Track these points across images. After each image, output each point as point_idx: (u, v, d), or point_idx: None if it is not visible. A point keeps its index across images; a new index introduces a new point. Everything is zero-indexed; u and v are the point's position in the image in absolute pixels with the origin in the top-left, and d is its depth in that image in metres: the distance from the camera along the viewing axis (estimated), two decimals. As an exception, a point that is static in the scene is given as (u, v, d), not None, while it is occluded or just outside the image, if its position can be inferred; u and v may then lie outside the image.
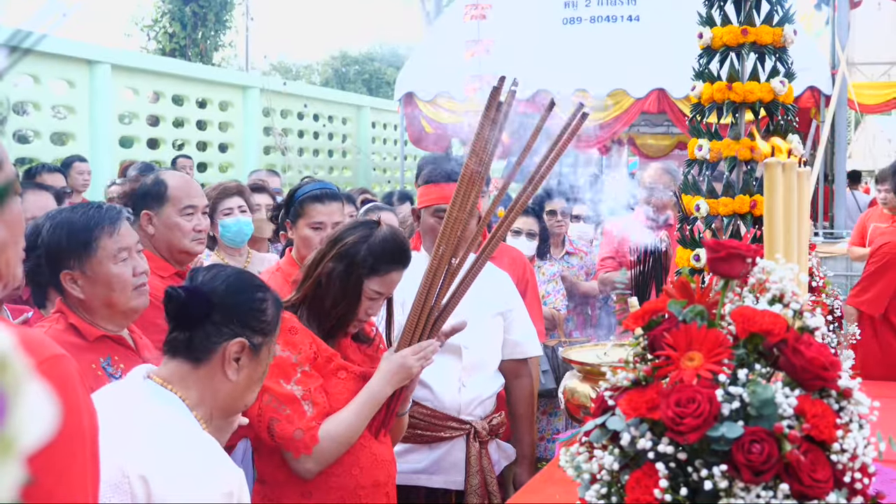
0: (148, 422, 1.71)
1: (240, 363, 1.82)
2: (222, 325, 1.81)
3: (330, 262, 2.44)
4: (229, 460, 1.78)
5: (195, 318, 1.81)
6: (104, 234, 2.27)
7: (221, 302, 1.82)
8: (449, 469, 3.05)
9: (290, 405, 2.32)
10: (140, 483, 1.60)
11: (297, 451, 2.32)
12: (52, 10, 0.62)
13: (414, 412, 2.89)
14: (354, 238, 2.45)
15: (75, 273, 2.25)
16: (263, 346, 1.88)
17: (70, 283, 2.25)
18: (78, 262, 2.25)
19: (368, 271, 2.42)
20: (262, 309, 1.88)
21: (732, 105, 2.92)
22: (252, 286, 1.90)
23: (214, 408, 1.84)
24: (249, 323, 1.84)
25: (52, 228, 2.28)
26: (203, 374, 1.81)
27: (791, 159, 1.76)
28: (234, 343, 1.81)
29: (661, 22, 9.26)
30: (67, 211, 2.36)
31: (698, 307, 1.36)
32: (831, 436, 1.21)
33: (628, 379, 1.35)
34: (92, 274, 2.25)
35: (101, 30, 37.39)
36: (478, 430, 3.06)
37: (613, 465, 1.28)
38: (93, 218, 2.29)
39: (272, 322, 1.90)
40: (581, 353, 2.72)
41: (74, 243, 2.25)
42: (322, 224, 3.11)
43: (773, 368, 1.30)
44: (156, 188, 3.09)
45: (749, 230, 2.88)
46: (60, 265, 2.26)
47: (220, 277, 1.87)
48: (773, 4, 2.94)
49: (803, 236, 1.79)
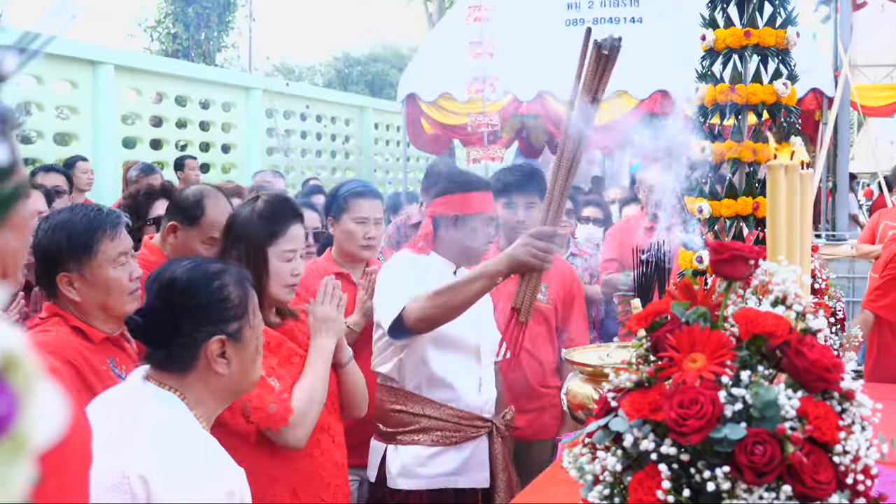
0: (148, 423, 1.70)
1: (226, 356, 1.79)
2: (193, 331, 1.77)
3: (234, 249, 2.54)
4: (230, 460, 1.78)
5: (164, 334, 1.77)
6: (106, 237, 2.26)
7: (183, 308, 1.77)
8: (475, 468, 3.07)
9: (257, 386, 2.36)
10: (140, 483, 1.60)
11: (275, 426, 2.35)
12: (62, 12, 0.62)
13: (441, 414, 2.98)
14: (242, 217, 2.58)
15: (73, 275, 2.23)
16: (243, 327, 1.83)
17: (66, 285, 2.23)
18: (77, 264, 2.23)
19: (269, 236, 2.54)
20: (225, 297, 1.81)
21: (735, 107, 2.92)
22: (206, 277, 1.81)
23: (217, 401, 1.83)
24: (218, 316, 1.79)
25: (49, 230, 2.25)
26: (194, 378, 1.78)
27: (794, 162, 1.76)
28: (211, 343, 1.77)
29: (664, 24, 9.26)
30: (66, 212, 2.34)
31: (701, 309, 1.37)
32: (834, 437, 1.21)
33: (631, 380, 1.35)
34: (91, 277, 2.23)
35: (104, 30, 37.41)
36: (499, 427, 3.09)
37: (616, 466, 1.28)
38: (94, 221, 2.27)
39: (241, 303, 1.84)
40: (584, 354, 2.72)
41: (75, 245, 2.23)
42: (366, 219, 3.34)
43: (776, 370, 1.30)
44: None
45: (752, 232, 2.88)
46: (57, 267, 2.23)
47: (174, 283, 1.79)
48: (775, 7, 2.94)
49: (806, 238, 1.79)
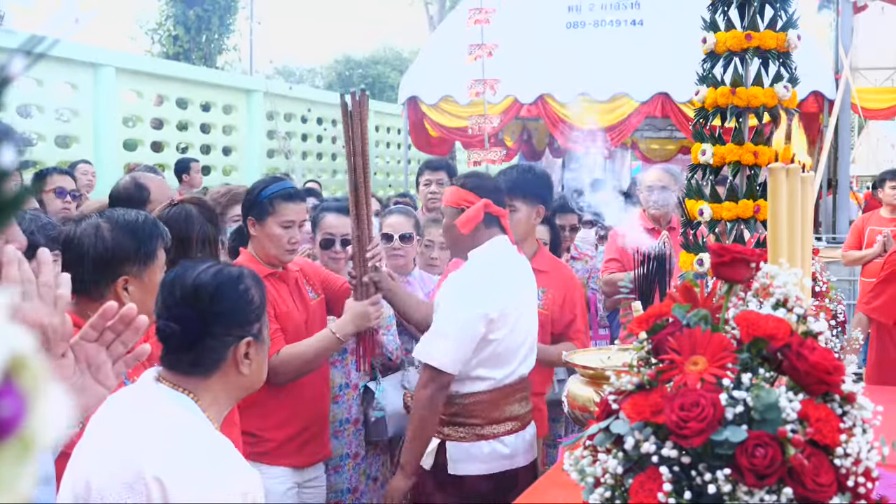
0: (162, 424, 1.71)
1: (249, 356, 1.82)
2: (224, 335, 1.79)
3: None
4: (244, 461, 1.78)
5: (192, 339, 1.78)
6: (164, 243, 2.30)
7: (214, 312, 1.79)
8: (528, 450, 3.24)
9: None
10: (156, 484, 1.61)
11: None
12: (66, 16, 0.63)
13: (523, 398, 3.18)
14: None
15: (132, 278, 2.22)
16: (262, 327, 1.87)
17: (122, 288, 2.21)
18: (141, 267, 2.22)
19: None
20: (251, 299, 1.85)
21: (736, 110, 2.92)
22: (234, 280, 1.84)
23: (231, 400, 1.85)
24: (247, 318, 1.83)
25: (113, 231, 2.24)
26: (216, 380, 1.80)
27: (795, 164, 1.77)
28: (241, 345, 1.81)
29: (665, 26, 9.26)
30: (124, 214, 2.31)
31: (702, 311, 1.37)
32: (835, 440, 1.21)
33: (632, 383, 1.35)
34: (148, 282, 2.23)
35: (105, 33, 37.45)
36: None
37: (617, 468, 1.29)
38: (155, 226, 2.29)
39: (262, 302, 1.89)
40: (585, 356, 2.72)
41: (142, 249, 2.23)
42: (292, 223, 3.24)
43: (777, 373, 1.30)
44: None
45: (753, 235, 2.88)
46: (120, 269, 2.21)
47: (201, 289, 1.80)
48: (776, 9, 2.95)
49: (807, 241, 1.79)
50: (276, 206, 3.22)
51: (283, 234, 3.22)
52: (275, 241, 3.22)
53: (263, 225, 3.23)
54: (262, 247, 3.26)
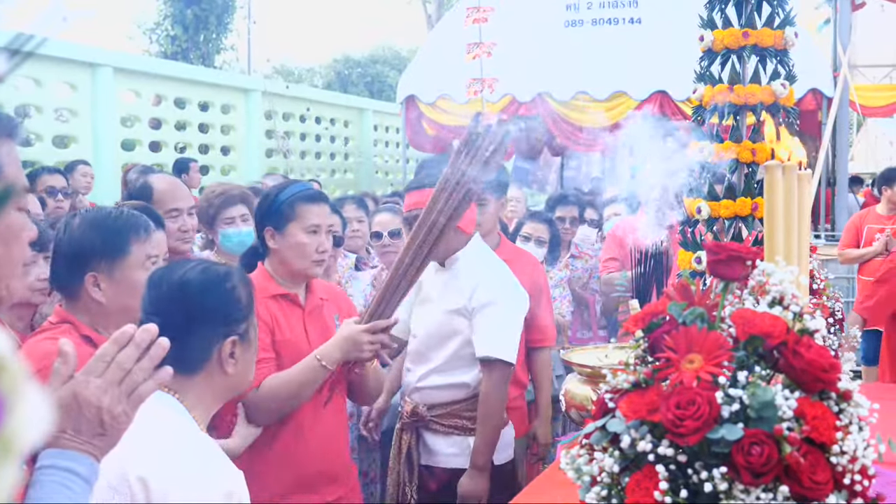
0: (147, 424, 1.70)
1: (234, 356, 1.81)
2: (209, 333, 1.79)
3: None
4: (228, 461, 1.78)
5: (179, 335, 1.74)
6: (139, 238, 2.25)
7: (199, 310, 1.78)
8: (504, 447, 3.33)
9: None
10: (139, 485, 1.60)
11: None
12: (53, 15, 0.62)
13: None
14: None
15: (101, 275, 2.20)
16: (249, 327, 1.86)
17: (93, 285, 2.19)
18: (109, 264, 2.20)
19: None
20: (237, 298, 1.84)
21: (734, 107, 2.92)
22: (220, 277, 1.84)
23: (216, 401, 1.84)
24: (233, 317, 1.82)
25: (81, 227, 2.23)
26: (200, 380, 1.80)
27: (791, 162, 1.76)
28: (226, 344, 1.80)
29: (663, 24, 9.27)
30: (96, 212, 2.31)
31: (698, 310, 1.37)
32: (831, 438, 1.21)
33: (629, 381, 1.35)
34: (120, 278, 2.20)
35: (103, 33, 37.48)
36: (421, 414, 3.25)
37: (614, 467, 1.28)
38: (128, 221, 2.27)
39: (249, 302, 1.88)
40: (582, 355, 2.72)
41: (110, 244, 2.21)
42: (318, 227, 2.81)
43: (773, 371, 1.30)
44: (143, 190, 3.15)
45: (751, 233, 2.88)
46: (87, 265, 2.19)
47: (187, 285, 1.80)
48: (774, 7, 2.94)
49: (804, 239, 1.79)
50: (298, 210, 2.78)
51: (310, 241, 2.77)
52: (300, 250, 2.76)
53: (284, 234, 2.78)
54: (285, 260, 2.79)
